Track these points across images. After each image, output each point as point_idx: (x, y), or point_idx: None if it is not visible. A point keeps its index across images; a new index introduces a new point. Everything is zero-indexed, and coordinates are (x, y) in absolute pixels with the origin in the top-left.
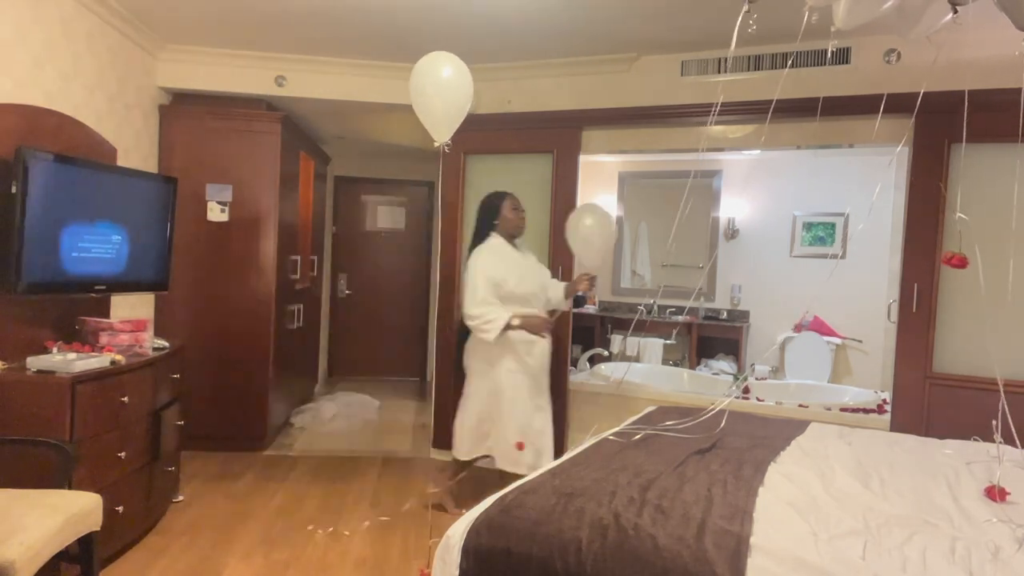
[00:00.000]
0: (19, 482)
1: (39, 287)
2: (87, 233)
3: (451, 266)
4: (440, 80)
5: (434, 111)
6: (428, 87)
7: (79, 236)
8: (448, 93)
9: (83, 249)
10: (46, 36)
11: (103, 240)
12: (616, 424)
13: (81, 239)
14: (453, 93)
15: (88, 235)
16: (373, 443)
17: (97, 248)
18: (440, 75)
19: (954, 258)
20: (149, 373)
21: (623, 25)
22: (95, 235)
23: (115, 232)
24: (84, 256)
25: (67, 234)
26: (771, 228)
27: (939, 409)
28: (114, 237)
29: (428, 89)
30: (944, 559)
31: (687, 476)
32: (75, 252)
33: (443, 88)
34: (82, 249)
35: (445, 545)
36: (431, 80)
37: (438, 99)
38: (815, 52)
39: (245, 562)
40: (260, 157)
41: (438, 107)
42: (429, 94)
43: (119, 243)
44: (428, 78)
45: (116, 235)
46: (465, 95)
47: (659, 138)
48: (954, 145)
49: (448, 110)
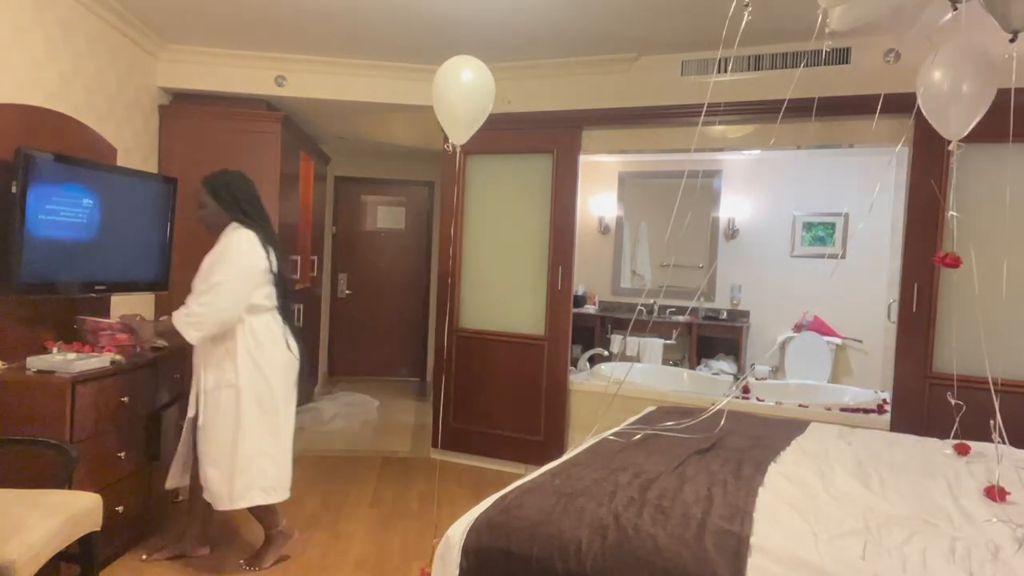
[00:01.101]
0: (19, 482)
1: (39, 287)
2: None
3: (452, 266)
4: (462, 84)
5: (455, 114)
6: (451, 91)
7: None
8: (471, 96)
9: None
10: (46, 36)
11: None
12: (616, 424)
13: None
14: (476, 96)
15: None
16: (373, 443)
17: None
18: (462, 79)
19: (947, 257)
20: (149, 373)
21: (623, 25)
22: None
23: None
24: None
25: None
26: (771, 228)
27: (939, 409)
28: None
29: (451, 93)
30: (944, 559)
31: (687, 476)
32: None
33: (466, 92)
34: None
35: (445, 545)
36: (454, 84)
37: (461, 103)
38: (815, 52)
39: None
40: (260, 157)
41: (460, 110)
42: (452, 98)
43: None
44: (451, 82)
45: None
46: (487, 98)
47: (659, 138)
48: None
49: (470, 113)
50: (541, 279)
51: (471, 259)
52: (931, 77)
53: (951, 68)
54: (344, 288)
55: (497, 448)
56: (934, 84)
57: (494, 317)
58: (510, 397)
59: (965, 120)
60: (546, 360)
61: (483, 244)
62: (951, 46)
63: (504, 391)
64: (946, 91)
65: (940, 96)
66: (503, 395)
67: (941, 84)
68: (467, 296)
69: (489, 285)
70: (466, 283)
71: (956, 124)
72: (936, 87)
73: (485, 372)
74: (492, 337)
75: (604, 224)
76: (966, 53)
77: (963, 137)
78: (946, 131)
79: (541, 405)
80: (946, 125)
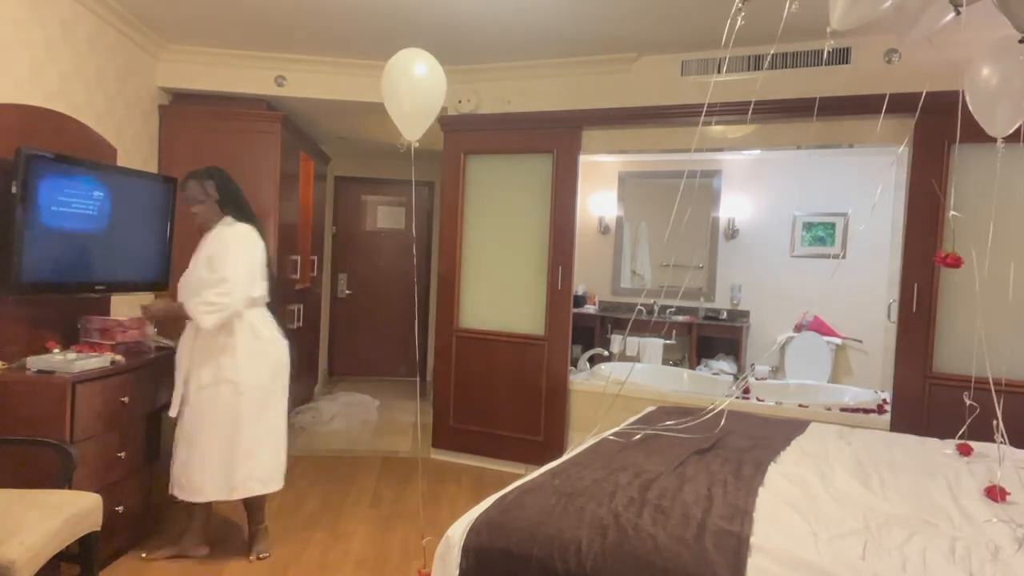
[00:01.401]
0: (19, 482)
1: (40, 287)
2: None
3: (451, 266)
4: (412, 78)
5: (404, 109)
6: (400, 85)
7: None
8: (419, 91)
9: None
10: (46, 36)
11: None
12: (616, 424)
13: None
14: (425, 92)
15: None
16: (373, 443)
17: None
18: (413, 73)
19: (948, 257)
20: (149, 373)
21: (623, 25)
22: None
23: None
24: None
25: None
26: (771, 228)
27: (939, 409)
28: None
29: (400, 87)
30: (944, 559)
31: (687, 476)
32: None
33: (414, 86)
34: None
35: (445, 545)
36: (404, 78)
37: (408, 97)
38: (815, 52)
39: (244, 562)
40: (260, 157)
41: (407, 105)
42: (400, 92)
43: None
44: (400, 77)
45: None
46: (438, 94)
47: (659, 138)
48: (954, 145)
49: (418, 109)
50: (541, 279)
51: (471, 259)
52: (979, 73)
53: (1000, 63)
54: (344, 288)
55: (497, 448)
56: (982, 80)
57: (494, 317)
58: (510, 397)
59: (1012, 118)
60: (546, 360)
61: (483, 244)
62: (1000, 42)
63: (504, 391)
64: (995, 87)
65: (988, 93)
66: (503, 395)
67: (989, 80)
68: (467, 296)
69: (489, 285)
70: (466, 283)
71: (1003, 121)
72: (984, 83)
73: (485, 372)
74: (492, 337)
75: (604, 224)
76: (1016, 48)
77: (969, 137)
78: (992, 128)
79: (541, 405)
80: (992, 122)
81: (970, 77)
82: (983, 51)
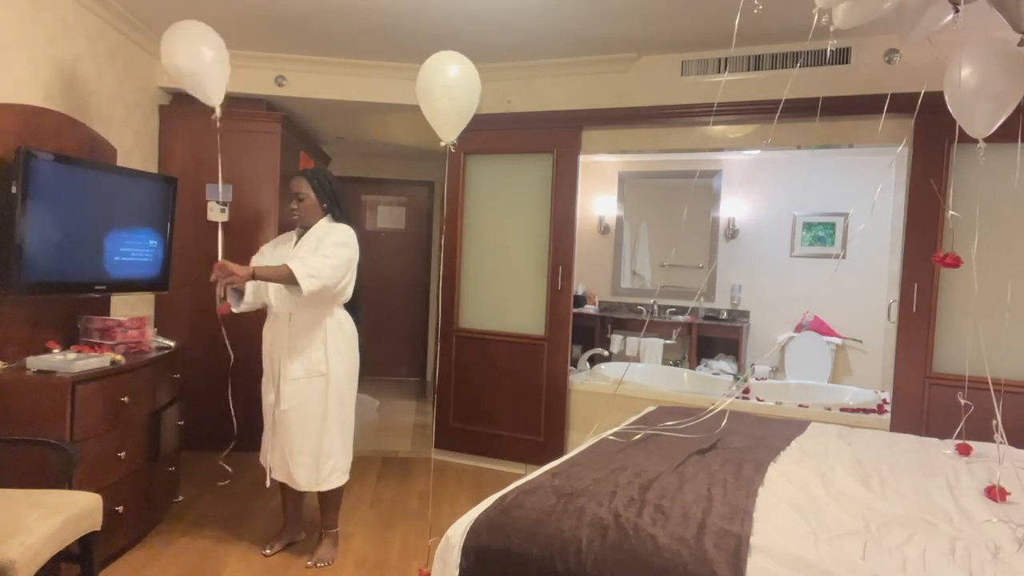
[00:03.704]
0: (19, 482)
1: (40, 287)
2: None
3: (452, 266)
4: (448, 79)
5: (441, 110)
6: (436, 87)
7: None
8: (456, 92)
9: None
10: (46, 36)
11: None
12: (616, 424)
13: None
14: (460, 92)
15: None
16: (373, 443)
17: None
18: (448, 74)
19: (947, 257)
20: (149, 373)
21: (623, 25)
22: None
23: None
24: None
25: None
26: (771, 228)
27: (939, 409)
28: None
29: (436, 89)
30: (944, 559)
31: (687, 476)
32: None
33: (451, 87)
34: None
35: (445, 545)
36: (439, 80)
37: (445, 98)
38: (815, 52)
39: (245, 562)
40: (260, 157)
41: (445, 106)
42: (436, 94)
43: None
44: (436, 78)
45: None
46: (473, 94)
47: (659, 138)
48: (953, 145)
49: (455, 109)
50: (541, 279)
51: (471, 259)
52: (958, 74)
53: (979, 65)
54: None
55: (497, 448)
56: (961, 81)
57: (494, 317)
58: (510, 397)
59: (992, 118)
60: (546, 360)
61: (483, 244)
62: (980, 43)
63: (504, 391)
64: (973, 88)
65: (967, 93)
66: (503, 395)
67: (968, 81)
68: (467, 296)
69: (489, 285)
70: (466, 283)
71: (982, 122)
72: (964, 84)
73: (485, 372)
74: (492, 337)
75: (604, 224)
76: (995, 50)
77: (969, 137)
78: (972, 129)
79: (541, 405)
80: (972, 123)
81: (948, 78)
82: (961, 52)
